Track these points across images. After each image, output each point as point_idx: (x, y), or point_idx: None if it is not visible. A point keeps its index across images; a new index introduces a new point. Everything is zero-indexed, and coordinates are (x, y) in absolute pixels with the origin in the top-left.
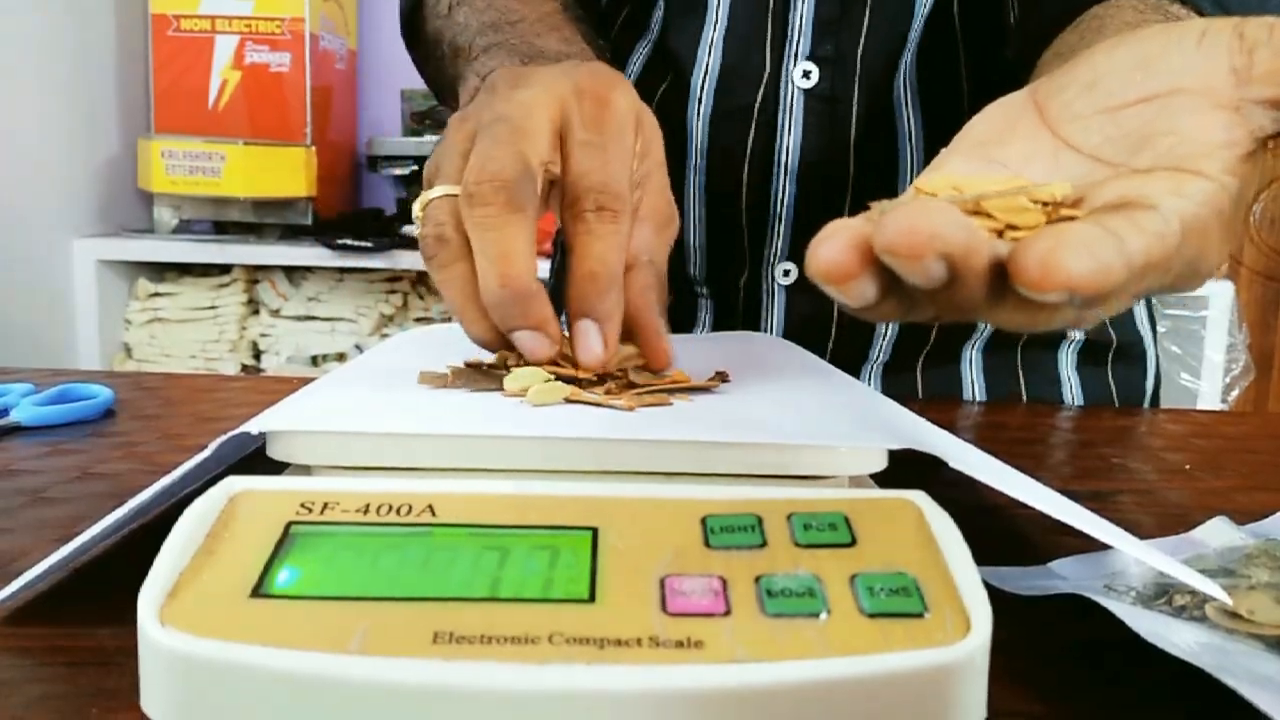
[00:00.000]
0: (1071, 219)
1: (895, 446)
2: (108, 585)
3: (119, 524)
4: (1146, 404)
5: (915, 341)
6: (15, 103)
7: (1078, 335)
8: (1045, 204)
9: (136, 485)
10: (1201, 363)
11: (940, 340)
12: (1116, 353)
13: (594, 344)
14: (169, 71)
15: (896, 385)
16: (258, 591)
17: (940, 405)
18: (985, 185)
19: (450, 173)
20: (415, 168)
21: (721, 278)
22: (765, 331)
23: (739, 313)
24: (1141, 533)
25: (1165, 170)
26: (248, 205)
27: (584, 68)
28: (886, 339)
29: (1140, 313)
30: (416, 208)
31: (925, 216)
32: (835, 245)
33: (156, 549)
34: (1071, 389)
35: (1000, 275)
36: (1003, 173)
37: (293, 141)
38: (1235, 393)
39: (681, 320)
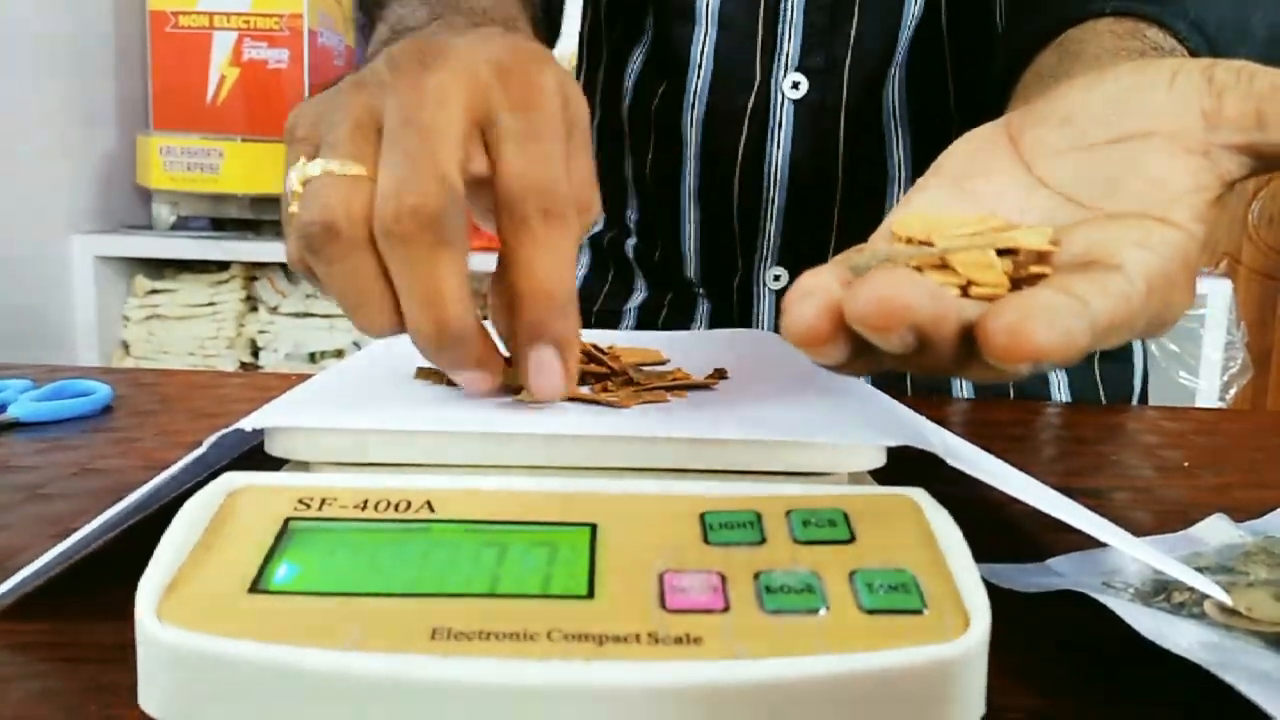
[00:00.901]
0: (1040, 275)
1: (894, 444)
2: (106, 581)
3: (116, 520)
4: (1135, 402)
5: None
6: (13, 99)
7: None
8: (1013, 251)
9: (135, 481)
10: (1199, 361)
11: None
12: (1104, 351)
13: (554, 374)
14: (167, 68)
15: (886, 382)
16: (256, 587)
17: (930, 401)
18: (958, 226)
19: (338, 145)
20: None
21: (716, 279)
22: (759, 328)
23: (734, 313)
24: (1140, 530)
25: (1134, 217)
26: (246, 202)
27: (502, 41)
28: None
29: None
30: (294, 181)
31: (895, 288)
32: (809, 310)
33: (155, 545)
34: (1059, 388)
35: (967, 338)
36: (975, 208)
37: None
38: (1233, 391)
39: (679, 319)
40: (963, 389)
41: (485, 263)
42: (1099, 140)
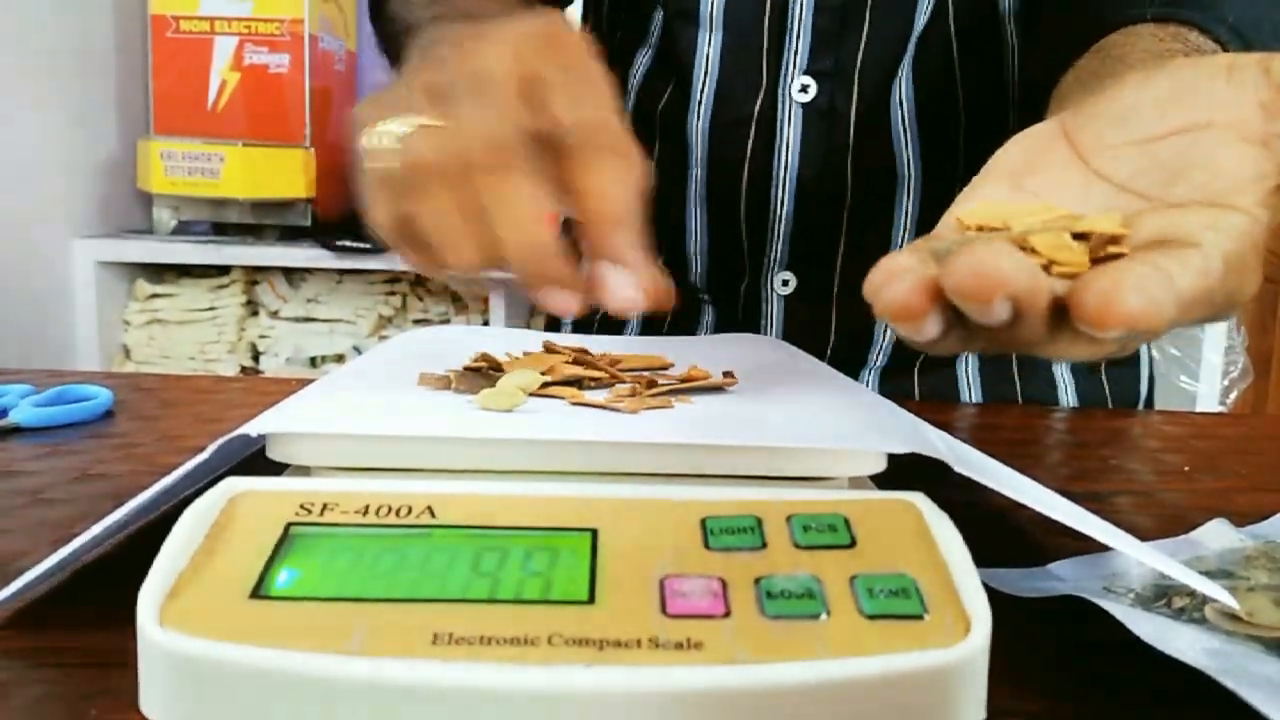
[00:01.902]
0: (1119, 255)
1: (896, 450)
2: (107, 586)
3: (117, 526)
4: (1141, 407)
5: (912, 349)
6: (14, 103)
7: None
8: (1085, 237)
9: (136, 486)
10: (1200, 365)
11: None
12: (1111, 357)
13: (627, 286)
14: (168, 72)
15: (894, 389)
16: (257, 592)
17: (937, 406)
18: (1025, 215)
19: (414, 107)
20: None
21: (722, 285)
22: (765, 334)
23: (740, 319)
24: (1141, 534)
25: (1200, 205)
26: (247, 206)
27: (527, 18)
28: (884, 344)
29: None
30: (372, 139)
31: (993, 260)
32: (903, 286)
33: (156, 550)
34: (1067, 392)
35: (1057, 311)
36: (1035, 201)
37: (292, 143)
38: (1234, 395)
39: (684, 325)
40: (971, 394)
41: None
42: (1157, 134)
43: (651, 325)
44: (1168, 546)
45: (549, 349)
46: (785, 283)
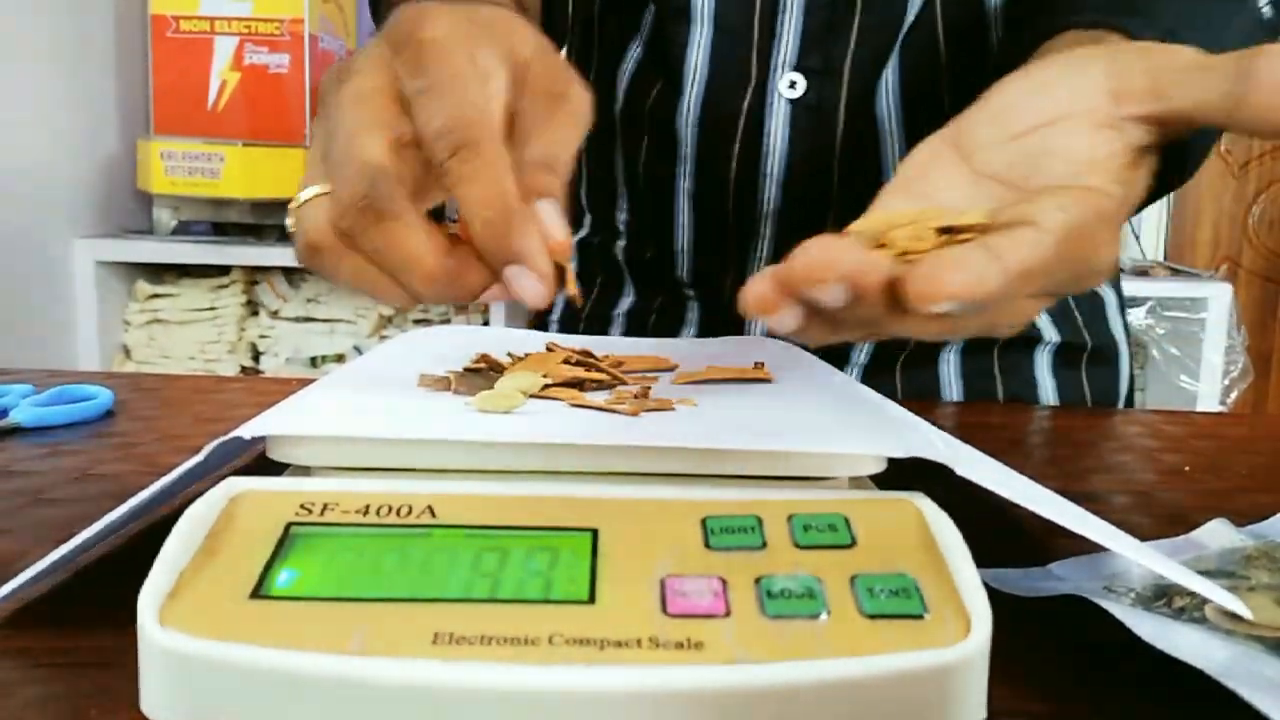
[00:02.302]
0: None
1: (896, 454)
2: (108, 586)
3: (114, 526)
4: (1121, 406)
5: (894, 345)
6: (14, 103)
7: (1053, 338)
8: (951, 229)
9: (136, 486)
10: (1200, 364)
11: (919, 344)
12: (1091, 356)
13: (529, 285)
14: (168, 72)
15: (876, 387)
16: (258, 592)
17: (920, 405)
18: (905, 217)
19: (313, 174)
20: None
21: (709, 280)
22: (750, 334)
23: (725, 314)
24: (1141, 534)
25: (1055, 188)
26: (247, 206)
27: (393, 19)
28: (867, 345)
29: (1114, 317)
30: (289, 218)
31: (824, 249)
32: (760, 284)
33: (157, 550)
34: (1046, 391)
35: (899, 295)
36: (926, 205)
37: (292, 143)
38: (1234, 394)
39: (669, 322)
40: (952, 392)
41: None
42: (1023, 129)
43: (635, 325)
44: (1168, 546)
45: (551, 350)
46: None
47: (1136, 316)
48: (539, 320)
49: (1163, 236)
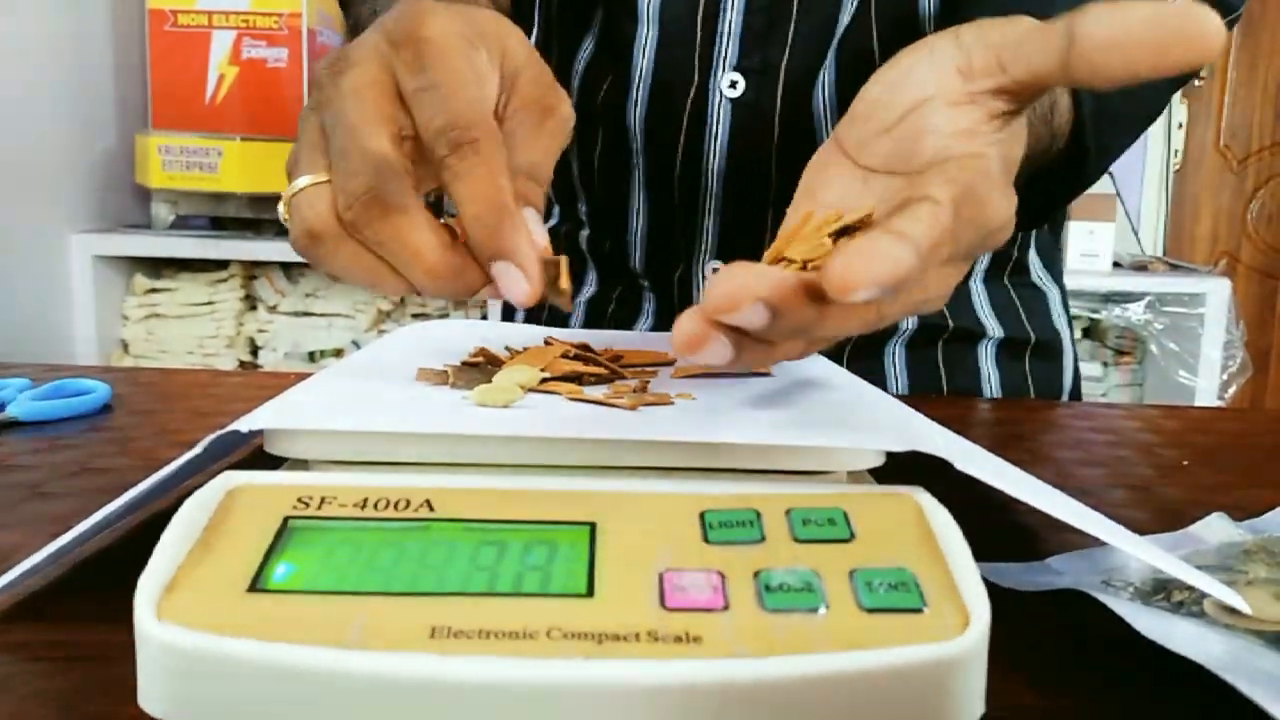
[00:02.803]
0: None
1: (895, 449)
2: (106, 580)
3: (111, 519)
4: (1065, 399)
5: (838, 342)
6: (12, 98)
7: (997, 333)
8: (845, 230)
9: (133, 481)
10: (1198, 359)
11: (864, 335)
12: (1034, 349)
13: (516, 282)
14: (166, 67)
15: None
16: (255, 586)
17: (935, 402)
18: (792, 234)
19: (309, 164)
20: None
21: (660, 271)
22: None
23: (676, 306)
24: (1140, 529)
25: (937, 163)
26: (245, 201)
27: (391, 16)
28: None
29: (1057, 313)
30: (282, 207)
31: (734, 275)
32: (686, 323)
33: (154, 544)
34: (991, 383)
35: (824, 297)
36: (829, 210)
37: (290, 137)
38: (1232, 389)
39: (625, 313)
40: (897, 384)
41: None
42: (894, 119)
43: (595, 314)
44: (1167, 541)
45: (549, 344)
46: (715, 270)
47: (1135, 312)
48: (507, 312)
49: (1161, 232)
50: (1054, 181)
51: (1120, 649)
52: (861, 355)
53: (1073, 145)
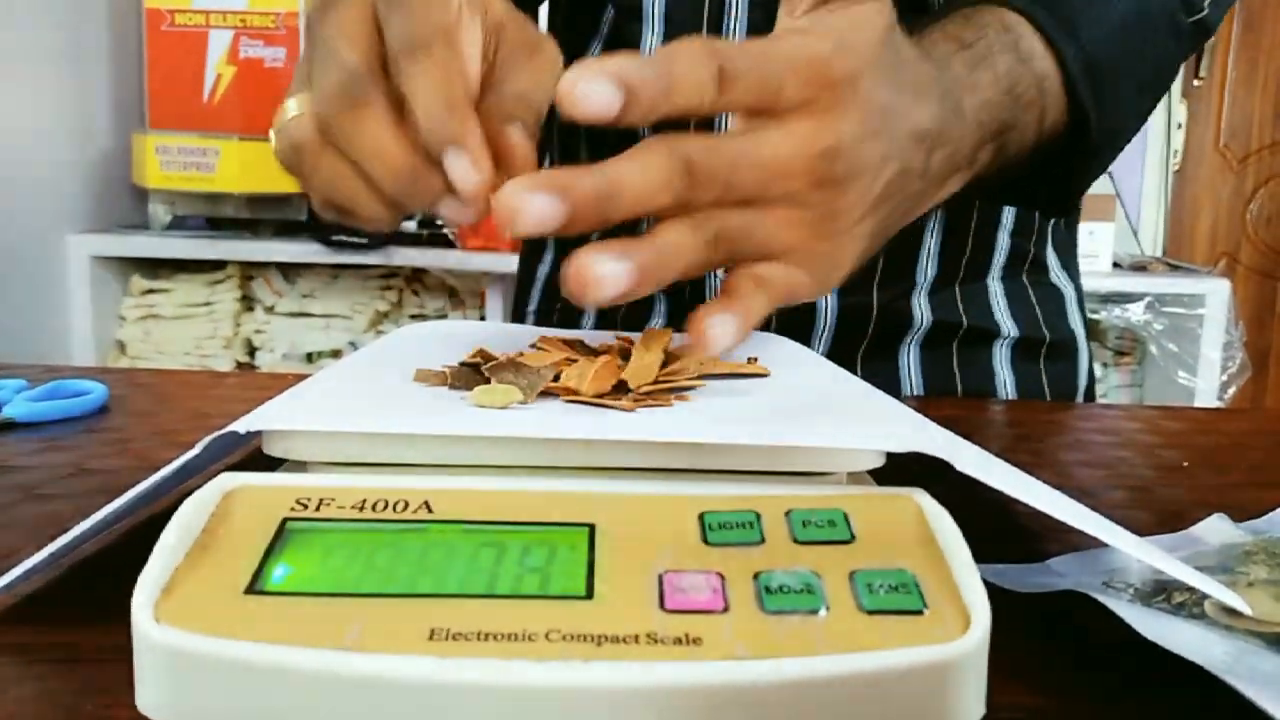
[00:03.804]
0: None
1: (895, 449)
2: (103, 582)
3: (108, 521)
4: (1081, 399)
5: (854, 333)
6: (8, 98)
7: (1012, 333)
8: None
9: (130, 482)
10: (1198, 360)
11: (876, 337)
12: (1049, 350)
13: (465, 170)
14: (163, 66)
15: None
16: (253, 588)
17: (938, 403)
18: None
19: (294, 91)
20: None
21: None
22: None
23: (687, 301)
24: (1140, 530)
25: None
26: (242, 201)
27: None
28: (826, 328)
29: (1073, 312)
30: (273, 134)
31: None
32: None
33: (151, 546)
34: (1005, 385)
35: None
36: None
37: None
38: (1232, 390)
39: (640, 311)
40: (911, 384)
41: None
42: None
43: (607, 316)
44: (1167, 542)
45: (545, 344)
46: (729, 269)
47: (1135, 312)
48: (516, 314)
49: (1161, 232)
50: (1064, 160)
51: (1120, 651)
52: (876, 354)
53: (1074, 111)
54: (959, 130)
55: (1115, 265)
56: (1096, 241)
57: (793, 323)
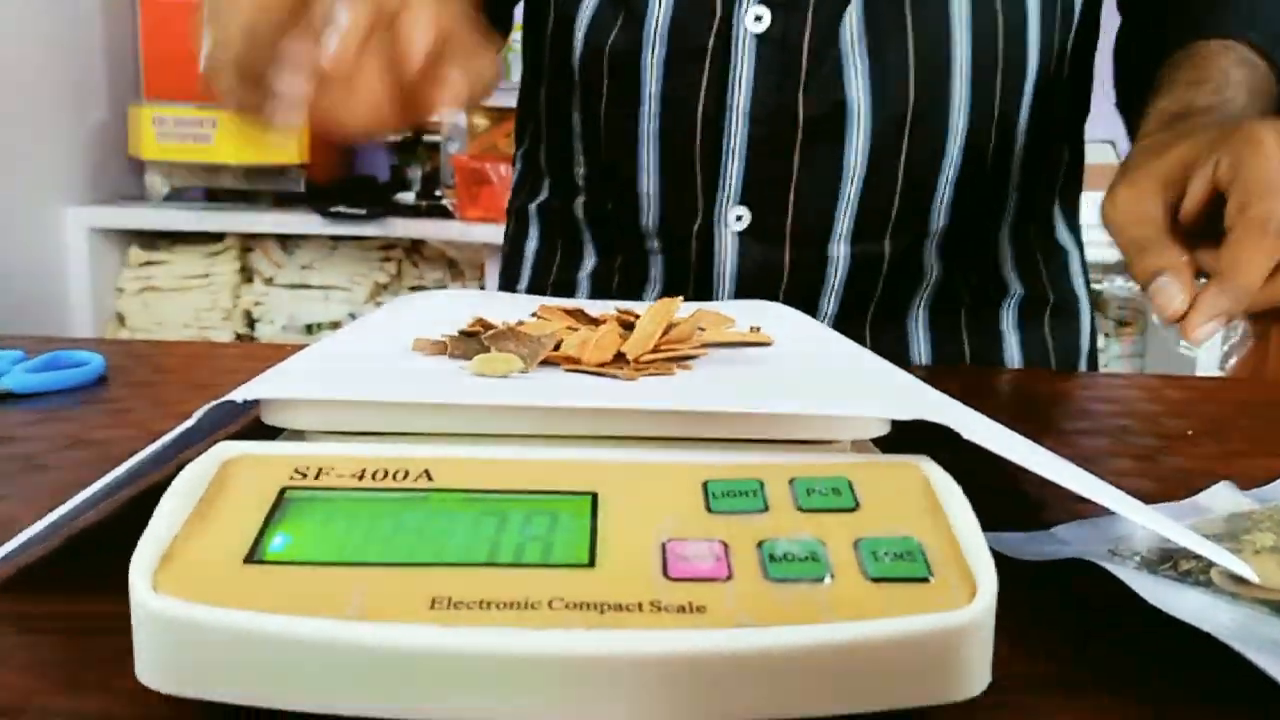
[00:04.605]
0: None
1: (900, 417)
2: (103, 552)
3: (107, 491)
4: (1084, 363)
5: (862, 295)
6: (4, 71)
7: (1018, 291)
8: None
9: (129, 452)
10: None
11: (887, 294)
12: (1053, 310)
13: (417, 33)
14: (158, 37)
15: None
16: (251, 557)
17: (941, 373)
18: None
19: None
20: (409, 135)
21: (674, 227)
22: (718, 281)
23: (691, 264)
24: (1145, 498)
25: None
26: (240, 172)
27: None
28: (835, 291)
29: (1076, 272)
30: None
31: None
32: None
33: (150, 516)
34: (1011, 347)
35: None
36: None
37: None
38: (1233, 360)
39: (633, 281)
40: (919, 348)
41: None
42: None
43: (600, 288)
44: (1173, 510)
45: (545, 313)
46: (739, 218)
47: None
48: (507, 289)
49: None
50: None
51: (1127, 618)
52: (885, 315)
53: None
54: None
55: None
56: None
57: (805, 274)
